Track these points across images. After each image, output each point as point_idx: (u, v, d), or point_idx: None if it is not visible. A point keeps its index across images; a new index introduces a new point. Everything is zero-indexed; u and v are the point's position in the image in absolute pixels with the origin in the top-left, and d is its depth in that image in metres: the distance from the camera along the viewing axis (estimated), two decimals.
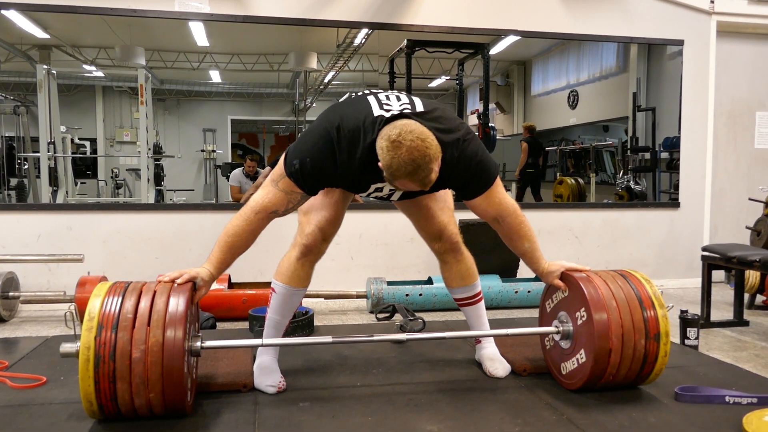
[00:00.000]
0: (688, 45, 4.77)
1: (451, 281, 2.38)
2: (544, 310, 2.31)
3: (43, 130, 5.22)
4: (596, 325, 1.98)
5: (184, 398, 1.79)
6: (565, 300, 2.16)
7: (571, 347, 2.12)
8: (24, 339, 3.00)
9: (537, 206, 4.65)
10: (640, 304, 2.07)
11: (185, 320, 1.79)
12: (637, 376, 2.09)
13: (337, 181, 2.00)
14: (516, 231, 2.12)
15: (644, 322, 2.04)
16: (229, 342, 2.11)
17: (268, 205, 1.99)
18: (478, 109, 5.56)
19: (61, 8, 3.94)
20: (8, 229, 3.84)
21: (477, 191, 2.05)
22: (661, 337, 2.06)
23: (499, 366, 2.32)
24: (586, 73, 6.80)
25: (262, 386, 2.15)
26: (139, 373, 1.71)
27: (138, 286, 1.88)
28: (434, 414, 1.93)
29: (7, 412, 1.92)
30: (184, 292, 1.86)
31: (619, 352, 1.99)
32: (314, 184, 1.98)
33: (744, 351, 2.98)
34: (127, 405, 1.76)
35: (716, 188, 4.99)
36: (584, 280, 2.08)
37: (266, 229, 2.06)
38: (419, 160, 1.77)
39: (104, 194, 7.41)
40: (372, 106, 1.93)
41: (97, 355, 1.70)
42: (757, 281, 3.96)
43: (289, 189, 1.98)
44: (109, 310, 1.77)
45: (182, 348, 1.76)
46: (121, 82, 7.95)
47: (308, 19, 4.17)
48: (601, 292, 2.04)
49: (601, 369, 2.01)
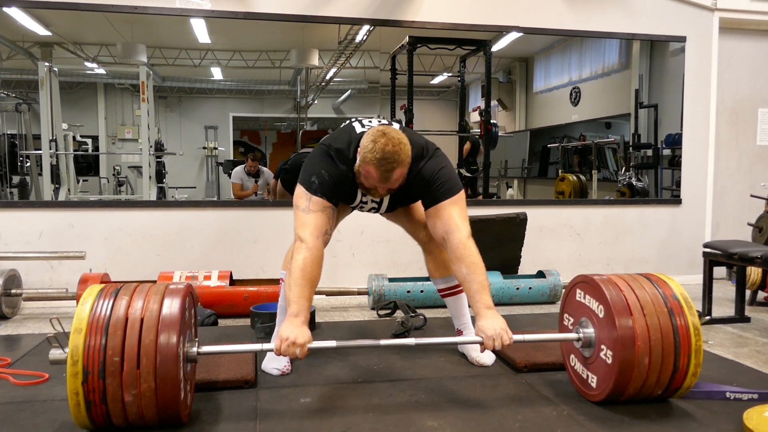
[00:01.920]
0: (690, 41, 4.76)
1: (434, 271, 2.51)
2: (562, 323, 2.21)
3: (45, 128, 5.22)
4: (618, 320, 1.84)
5: (178, 408, 1.70)
6: (583, 304, 2.05)
7: (594, 353, 1.98)
8: (26, 336, 3.01)
9: (538, 203, 4.64)
10: (666, 306, 1.91)
11: (179, 325, 1.69)
12: (669, 383, 1.91)
13: (344, 191, 2.18)
14: (455, 251, 2.10)
15: (672, 325, 1.88)
16: (227, 347, 1.97)
17: (319, 229, 2.07)
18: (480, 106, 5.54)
19: (63, 5, 3.94)
20: (10, 226, 3.85)
21: (433, 200, 2.18)
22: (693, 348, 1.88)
23: (485, 354, 2.40)
24: (589, 70, 6.78)
25: (267, 368, 2.29)
26: (130, 384, 1.62)
27: (130, 288, 1.79)
28: (435, 410, 1.93)
29: (9, 408, 1.93)
30: (179, 294, 1.77)
31: (647, 343, 1.82)
32: (336, 190, 2.15)
33: (745, 347, 2.98)
34: (119, 417, 1.66)
35: (718, 185, 4.98)
36: (604, 281, 1.97)
37: (267, 227, 2.10)
38: (391, 154, 1.98)
39: (106, 192, 7.42)
40: (356, 128, 2.19)
41: (85, 363, 1.61)
42: (759, 278, 3.95)
43: (322, 205, 2.11)
44: (98, 313, 1.67)
45: (176, 354, 1.66)
46: (123, 80, 7.94)
47: (309, 16, 4.17)
48: (621, 291, 1.93)
49: (629, 369, 1.84)
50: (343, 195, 2.22)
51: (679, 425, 1.82)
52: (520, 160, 8.24)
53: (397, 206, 2.41)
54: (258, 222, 4.11)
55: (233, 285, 3.70)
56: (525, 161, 8.20)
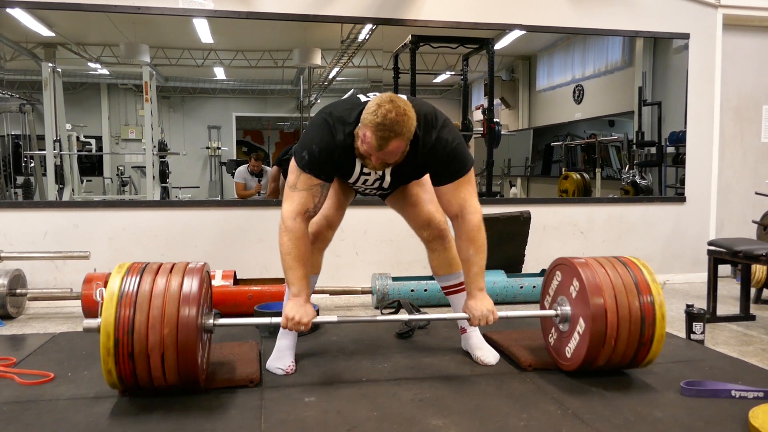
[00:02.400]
0: (694, 38, 4.74)
1: (438, 269, 2.50)
2: (544, 302, 2.40)
3: (48, 128, 5.24)
4: (589, 288, 2.07)
5: (197, 371, 1.89)
6: (561, 284, 2.26)
7: (570, 327, 2.19)
8: (31, 336, 3.02)
9: (542, 201, 4.63)
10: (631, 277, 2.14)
11: (199, 299, 1.90)
12: (635, 354, 2.12)
13: (341, 163, 2.13)
14: (467, 232, 2.17)
15: (635, 284, 2.12)
16: (239, 320, 2.22)
17: (298, 208, 2.11)
18: (483, 105, 5.55)
19: (66, 6, 3.96)
20: (15, 226, 3.86)
21: (448, 177, 2.15)
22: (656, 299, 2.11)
23: (488, 353, 2.40)
24: (592, 68, 6.77)
25: (272, 368, 2.28)
26: (155, 349, 1.82)
27: (154, 267, 1.98)
28: (439, 409, 1.93)
29: (15, 408, 1.94)
30: (197, 272, 1.96)
31: (615, 311, 2.05)
32: (325, 167, 2.10)
33: (750, 345, 2.97)
34: (144, 377, 1.86)
35: (722, 182, 4.97)
36: (580, 263, 2.17)
37: (271, 226, 2.11)
38: (392, 122, 1.90)
39: (110, 192, 7.44)
40: (361, 97, 2.13)
41: (116, 331, 1.81)
42: (764, 275, 3.94)
43: (308, 183, 2.10)
44: (127, 289, 1.87)
45: (195, 325, 1.86)
46: (126, 80, 7.96)
47: (311, 15, 4.17)
48: (591, 267, 2.15)
49: (599, 336, 2.04)
50: (339, 169, 2.17)
51: (685, 424, 1.82)
52: (524, 158, 8.23)
53: (401, 182, 2.34)
54: (261, 221, 4.12)
55: (237, 284, 3.70)
56: (528, 160, 8.19)
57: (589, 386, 2.12)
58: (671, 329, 3.13)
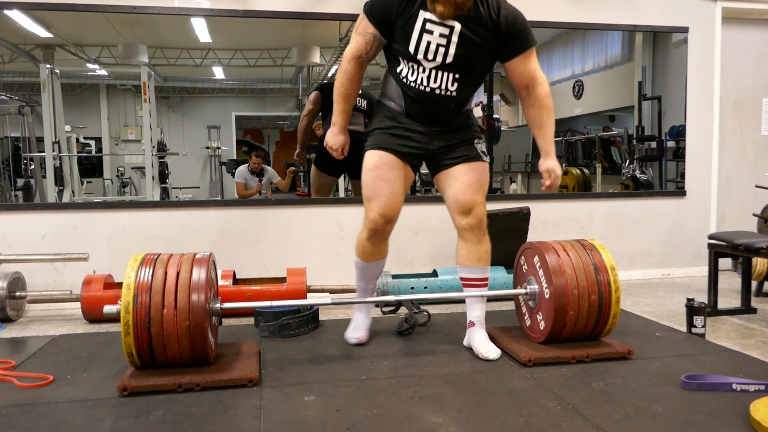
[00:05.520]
0: (693, 32, 4.73)
1: (467, 260, 2.50)
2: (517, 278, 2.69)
3: (47, 130, 5.24)
4: (552, 268, 2.37)
5: (207, 349, 2.15)
6: (529, 266, 2.56)
7: (537, 303, 2.48)
8: (31, 338, 3.02)
9: (542, 197, 4.61)
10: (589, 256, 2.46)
11: (206, 286, 2.15)
12: (595, 325, 2.41)
13: (405, 8, 2.24)
14: (541, 100, 2.38)
15: (593, 264, 2.43)
16: (244, 304, 2.40)
17: (353, 52, 2.35)
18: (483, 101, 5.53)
19: (63, 6, 3.94)
20: (14, 229, 3.85)
21: (519, 49, 2.32)
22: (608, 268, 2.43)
23: (491, 349, 2.42)
24: (591, 63, 6.74)
25: (347, 336, 2.65)
26: (169, 329, 2.07)
27: (165, 258, 2.23)
28: (439, 406, 1.93)
29: (14, 411, 1.93)
30: (205, 262, 2.22)
31: (576, 286, 2.34)
32: (381, 15, 2.28)
33: (751, 338, 2.96)
34: (160, 354, 2.11)
35: (723, 176, 4.95)
36: (544, 246, 2.46)
37: (271, 226, 2.12)
38: None
39: (110, 193, 7.44)
40: None
41: (134, 315, 2.05)
42: (765, 268, 3.93)
43: (364, 30, 2.32)
44: (142, 278, 2.12)
45: (205, 308, 2.10)
46: (125, 81, 7.95)
47: (309, 13, 4.16)
48: (558, 254, 2.43)
49: (562, 308, 2.32)
50: (402, 15, 2.25)
51: (686, 417, 1.81)
52: (524, 154, 8.21)
53: (466, 63, 2.32)
54: (261, 221, 4.11)
55: (237, 284, 3.70)
56: (528, 156, 8.17)
57: (589, 381, 2.12)
58: (672, 323, 3.12)
